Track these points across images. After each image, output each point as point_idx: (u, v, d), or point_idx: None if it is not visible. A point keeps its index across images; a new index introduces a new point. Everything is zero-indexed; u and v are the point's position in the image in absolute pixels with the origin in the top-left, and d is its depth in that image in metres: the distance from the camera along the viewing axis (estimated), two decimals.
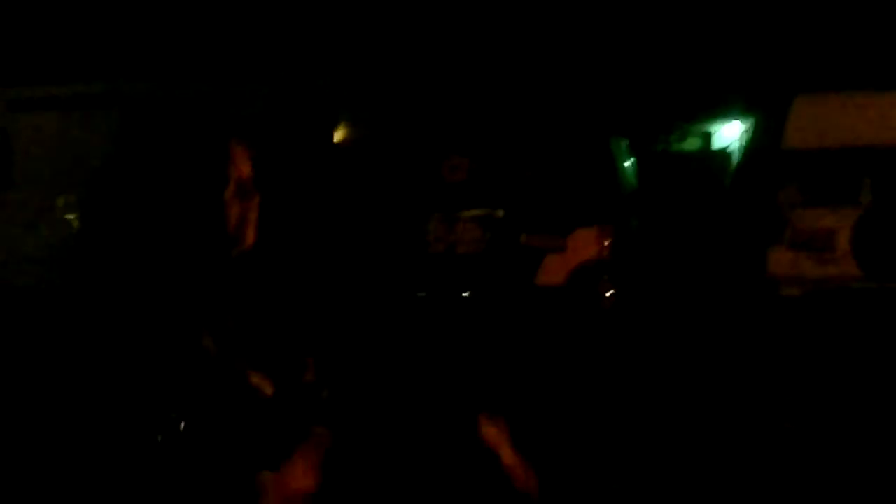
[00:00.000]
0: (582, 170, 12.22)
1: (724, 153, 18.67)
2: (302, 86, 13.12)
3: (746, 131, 16.92)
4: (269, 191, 3.15)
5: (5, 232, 14.67)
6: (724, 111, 18.35)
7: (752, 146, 14.79)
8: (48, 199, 14.46)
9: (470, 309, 11.90)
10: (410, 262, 12.15)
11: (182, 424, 2.67)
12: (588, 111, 14.66)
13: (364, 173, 12.55)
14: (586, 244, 11.78)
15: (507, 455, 3.35)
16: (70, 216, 14.24)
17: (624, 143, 13.87)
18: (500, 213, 12.07)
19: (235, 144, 2.98)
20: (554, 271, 11.81)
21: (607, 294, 11.64)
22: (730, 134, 18.92)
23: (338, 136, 12.91)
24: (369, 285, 11.99)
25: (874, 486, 7.09)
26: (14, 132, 14.92)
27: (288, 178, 12.59)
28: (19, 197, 14.72)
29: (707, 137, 19.63)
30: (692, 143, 19.65)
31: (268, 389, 2.87)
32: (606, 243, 11.76)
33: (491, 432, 3.38)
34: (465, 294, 11.99)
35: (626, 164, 13.76)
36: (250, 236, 2.99)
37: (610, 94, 16.74)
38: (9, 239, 14.60)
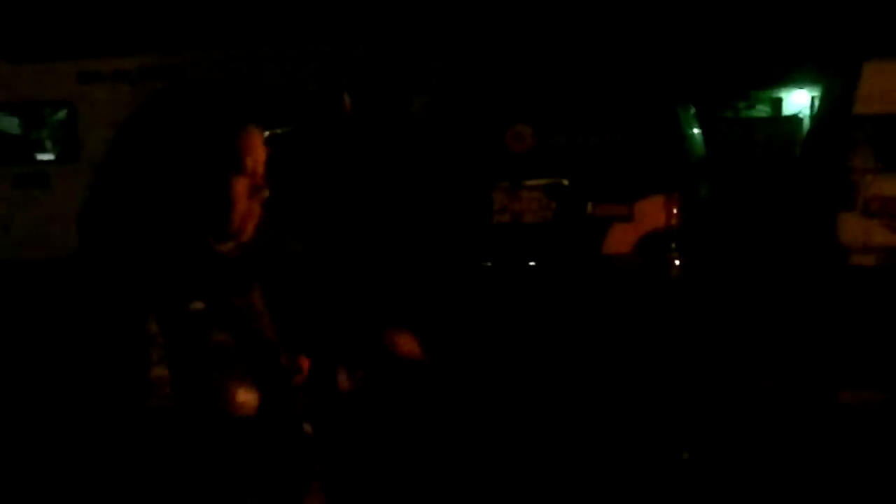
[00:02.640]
0: (648, 138, 12.09)
1: (793, 120, 18.41)
2: (369, 57, 13.12)
3: (816, 98, 16.67)
4: (281, 182, 2.91)
5: (71, 204, 14.85)
6: (792, 78, 18.09)
7: (822, 112, 14.55)
8: None
9: (536, 278, 11.84)
10: (475, 232, 12.10)
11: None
12: (654, 78, 14.48)
13: (427, 143, 12.51)
14: (653, 213, 11.64)
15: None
16: None
17: (691, 111, 13.71)
18: (566, 182, 11.98)
19: (253, 131, 2.66)
20: (621, 240, 11.71)
21: (675, 263, 11.52)
22: (799, 101, 18.66)
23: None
24: (434, 256, 11.97)
25: None
26: (81, 105, 15.06)
27: (360, 149, 12.61)
28: (85, 169, 14.88)
29: (776, 104, 19.36)
30: (761, 110, 19.39)
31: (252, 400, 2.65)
32: (674, 211, 11.62)
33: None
34: (531, 264, 11.93)
35: (694, 131, 13.59)
36: (250, 231, 2.68)
37: (677, 61, 16.55)
38: (74, 211, 14.78)
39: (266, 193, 2.67)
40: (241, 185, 2.61)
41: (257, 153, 2.64)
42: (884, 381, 9.09)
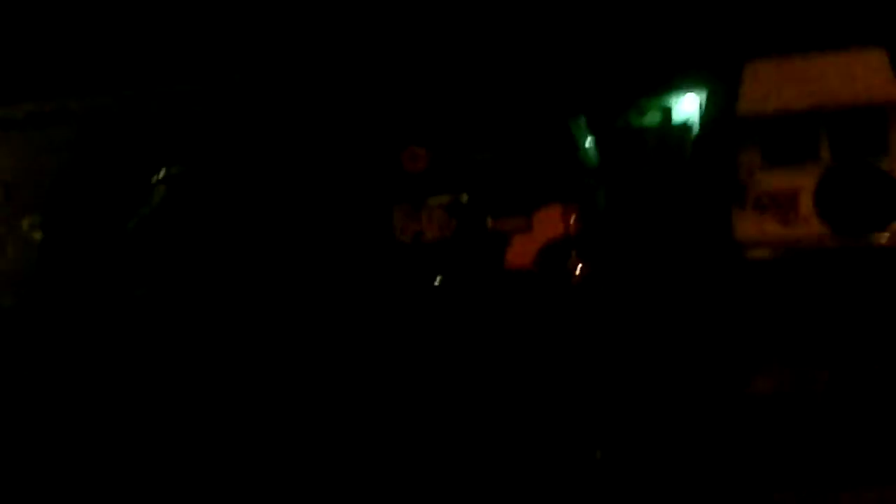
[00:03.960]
0: (542, 150, 12.29)
1: (684, 125, 18.74)
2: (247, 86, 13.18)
3: (704, 102, 17.02)
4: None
5: None
6: (680, 84, 18.42)
7: (709, 115, 14.89)
8: (13, 220, 14.45)
9: (441, 296, 11.94)
10: (378, 253, 12.18)
11: None
12: (544, 91, 14.69)
13: (323, 170, 12.58)
14: (551, 223, 11.84)
15: None
16: (36, 235, 14.23)
17: (582, 121, 13.93)
18: (465, 198, 12.12)
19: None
20: (521, 252, 11.87)
21: (576, 271, 11.71)
22: (688, 106, 19.00)
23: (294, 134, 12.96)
24: (340, 280, 12.03)
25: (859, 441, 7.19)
26: None
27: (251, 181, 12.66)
28: None
29: (666, 111, 19.68)
30: (651, 118, 19.70)
31: None
32: (572, 220, 11.82)
33: None
34: (435, 282, 12.04)
35: (587, 141, 13.81)
36: None
37: (565, 74, 16.78)
38: None
39: None
40: None
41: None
42: (785, 368, 9.33)
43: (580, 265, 11.70)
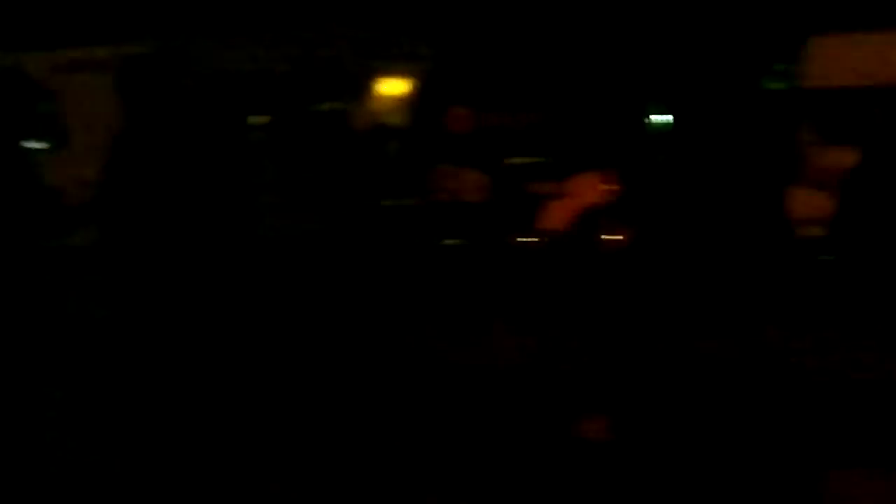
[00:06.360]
0: (595, 113, 12.28)
1: (754, 96, 18.40)
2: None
3: (769, 73, 16.71)
4: None
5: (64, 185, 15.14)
6: (750, 55, 18.10)
7: (772, 87, 14.67)
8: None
9: (473, 256, 12.01)
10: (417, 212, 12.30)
11: None
12: (619, 58, 14.56)
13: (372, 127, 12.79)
14: (588, 189, 11.83)
15: None
16: None
17: (649, 89, 13.78)
18: (505, 160, 12.20)
19: None
20: (556, 217, 11.89)
21: (609, 239, 11.68)
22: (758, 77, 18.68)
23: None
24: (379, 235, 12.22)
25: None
26: (63, 93, 15.38)
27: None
28: (76, 153, 15.23)
29: (740, 81, 19.37)
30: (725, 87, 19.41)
31: None
32: (608, 188, 11.80)
33: None
34: (467, 242, 12.10)
35: (654, 107, 13.67)
36: None
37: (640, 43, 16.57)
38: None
39: None
40: None
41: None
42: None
43: (614, 233, 11.67)
